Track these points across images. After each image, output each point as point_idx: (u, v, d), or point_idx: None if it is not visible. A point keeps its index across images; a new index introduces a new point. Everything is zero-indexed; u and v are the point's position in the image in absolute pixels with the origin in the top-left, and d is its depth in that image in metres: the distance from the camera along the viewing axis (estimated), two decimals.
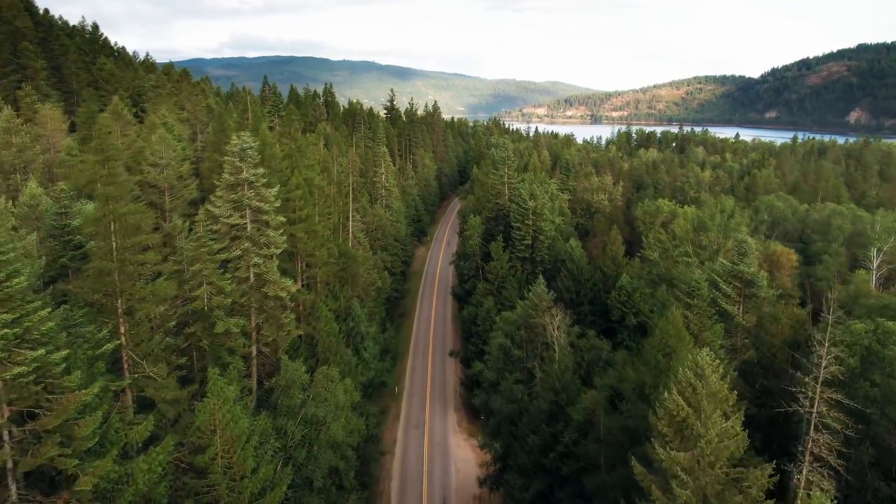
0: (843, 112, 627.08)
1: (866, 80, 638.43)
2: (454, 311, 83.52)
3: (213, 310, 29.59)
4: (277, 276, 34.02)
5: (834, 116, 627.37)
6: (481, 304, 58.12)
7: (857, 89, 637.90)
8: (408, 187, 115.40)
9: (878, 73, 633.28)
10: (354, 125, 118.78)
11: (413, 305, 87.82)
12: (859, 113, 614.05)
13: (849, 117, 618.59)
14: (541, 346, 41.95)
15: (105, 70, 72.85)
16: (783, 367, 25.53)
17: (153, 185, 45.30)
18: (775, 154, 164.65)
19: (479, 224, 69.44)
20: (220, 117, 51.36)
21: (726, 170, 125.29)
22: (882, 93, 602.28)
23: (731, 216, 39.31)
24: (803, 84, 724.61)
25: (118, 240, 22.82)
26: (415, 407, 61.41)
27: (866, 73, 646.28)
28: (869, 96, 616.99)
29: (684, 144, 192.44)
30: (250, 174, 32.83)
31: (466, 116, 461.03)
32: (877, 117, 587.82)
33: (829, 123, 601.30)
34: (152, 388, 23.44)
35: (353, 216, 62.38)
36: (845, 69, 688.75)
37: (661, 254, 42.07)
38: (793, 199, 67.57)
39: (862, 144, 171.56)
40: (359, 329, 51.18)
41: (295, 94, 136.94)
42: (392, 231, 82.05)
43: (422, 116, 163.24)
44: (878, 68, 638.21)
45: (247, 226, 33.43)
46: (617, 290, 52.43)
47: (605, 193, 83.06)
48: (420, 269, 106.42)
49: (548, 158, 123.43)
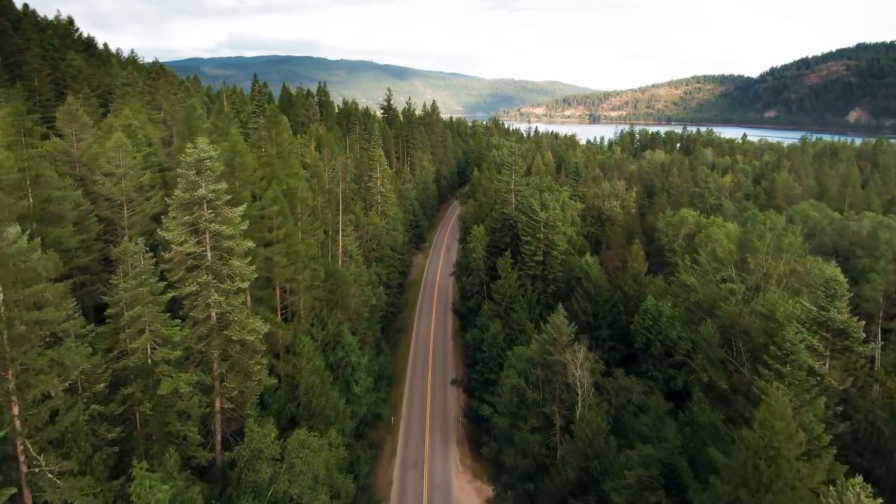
0: (843, 111, 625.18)
1: (866, 80, 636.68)
2: (455, 328, 77.29)
3: (158, 364, 23.31)
4: (245, 315, 27.72)
5: (833, 116, 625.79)
6: (487, 327, 51.89)
7: (856, 89, 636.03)
8: (405, 191, 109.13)
9: (877, 72, 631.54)
10: (349, 126, 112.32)
11: (411, 319, 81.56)
12: (859, 112, 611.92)
13: (848, 117, 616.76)
14: (560, 387, 35.81)
15: (73, 66, 66.29)
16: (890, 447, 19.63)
17: (108, 197, 38.91)
18: (786, 155, 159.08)
19: (483, 235, 63.14)
20: (187, 119, 44.96)
21: (738, 172, 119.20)
22: (882, 92, 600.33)
23: (783, 234, 33.35)
24: (802, 84, 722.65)
25: (5, 291, 16.48)
26: (413, 440, 55.09)
27: (865, 73, 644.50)
28: (868, 96, 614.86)
29: (690, 145, 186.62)
30: (209, 190, 26.51)
31: (464, 116, 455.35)
32: (877, 117, 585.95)
33: (829, 123, 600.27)
34: (56, 493, 17.11)
35: (345, 229, 56.11)
36: (844, 69, 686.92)
37: (700, 278, 36.16)
38: (827, 208, 61.62)
39: (873, 145, 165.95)
40: (349, 360, 44.96)
41: (287, 94, 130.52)
42: (388, 240, 75.80)
43: (420, 116, 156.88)
44: (877, 68, 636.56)
45: (206, 254, 27.14)
46: (641, 314, 46.33)
47: (616, 200, 76.97)
48: (419, 277, 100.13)
49: (552, 161, 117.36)
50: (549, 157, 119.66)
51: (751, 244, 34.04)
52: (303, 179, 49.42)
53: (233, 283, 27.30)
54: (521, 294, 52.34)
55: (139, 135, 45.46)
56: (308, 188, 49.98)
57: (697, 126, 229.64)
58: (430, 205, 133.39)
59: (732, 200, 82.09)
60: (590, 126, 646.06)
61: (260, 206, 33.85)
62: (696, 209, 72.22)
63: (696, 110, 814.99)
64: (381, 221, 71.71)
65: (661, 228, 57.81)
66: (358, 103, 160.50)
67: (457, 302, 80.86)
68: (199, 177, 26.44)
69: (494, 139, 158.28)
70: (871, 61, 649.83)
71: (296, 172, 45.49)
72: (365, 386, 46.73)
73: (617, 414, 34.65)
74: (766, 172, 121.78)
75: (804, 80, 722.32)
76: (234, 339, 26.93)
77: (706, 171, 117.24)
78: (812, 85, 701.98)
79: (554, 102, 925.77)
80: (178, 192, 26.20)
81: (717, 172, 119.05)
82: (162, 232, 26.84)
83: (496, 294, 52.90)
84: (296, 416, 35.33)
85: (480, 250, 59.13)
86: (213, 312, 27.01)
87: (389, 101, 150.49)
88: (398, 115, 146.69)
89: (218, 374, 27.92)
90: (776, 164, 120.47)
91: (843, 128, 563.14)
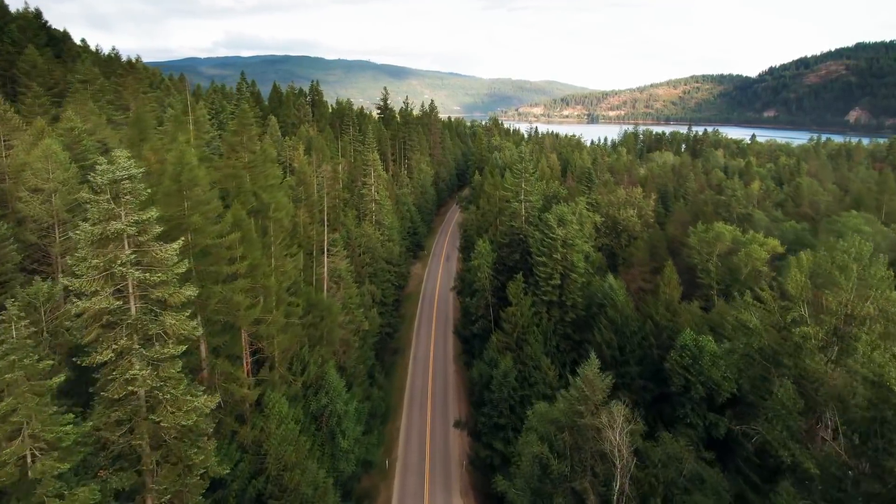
0: (843, 111, 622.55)
1: (865, 79, 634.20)
2: (457, 351, 70.08)
3: (42, 480, 16.07)
4: (182, 389, 20.45)
5: (833, 116, 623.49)
6: (496, 362, 44.69)
7: (856, 88, 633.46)
8: (402, 196, 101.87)
9: (877, 71, 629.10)
10: (342, 127, 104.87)
11: (408, 339, 74.29)
12: (859, 112, 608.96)
13: (848, 116, 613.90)
14: (593, 457, 28.73)
15: (27, 61, 58.89)
16: None
17: (35, 219, 31.55)
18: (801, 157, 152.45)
19: (489, 251, 55.84)
20: (136, 121, 37.54)
21: (757, 176, 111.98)
22: (882, 92, 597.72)
23: (869, 265, 26.54)
24: (801, 83, 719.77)
25: None
26: (410, 489, 47.91)
27: (865, 73, 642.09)
28: (868, 95, 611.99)
29: (697, 146, 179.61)
30: (130, 222, 19.25)
31: (462, 116, 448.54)
32: (877, 116, 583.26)
33: (829, 123, 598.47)
34: None
35: (333, 248, 48.80)
36: (844, 68, 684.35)
37: (764, 317, 29.23)
38: (876, 222, 54.70)
39: (888, 146, 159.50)
40: (334, 408, 37.78)
41: (278, 93, 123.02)
42: (383, 253, 68.55)
43: (417, 116, 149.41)
44: (876, 67, 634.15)
45: (129, 308, 19.88)
46: (678, 351, 39.33)
47: (633, 208, 69.82)
48: (416, 289, 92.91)
49: (557, 164, 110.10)
50: (554, 159, 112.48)
51: (828, 276, 27.30)
52: (283, 190, 42.16)
53: (166, 348, 20.01)
54: (536, 323, 45.18)
55: (85, 141, 38.09)
56: (289, 201, 42.73)
57: (697, 126, 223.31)
58: (429, 209, 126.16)
59: (762, 209, 75.21)
60: (588, 126, 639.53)
61: (216, 232, 26.58)
62: (722, 219, 65.26)
63: (694, 110, 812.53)
64: (375, 232, 64.49)
65: (694, 246, 50.72)
66: (354, 103, 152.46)
67: (458, 322, 73.52)
68: (117, 203, 19.16)
69: (495, 140, 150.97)
70: (870, 61, 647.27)
71: (272, 184, 38.24)
72: (353, 436, 39.57)
73: (666, 492, 27.60)
74: (785, 176, 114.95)
75: (803, 79, 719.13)
76: (165, 425, 19.67)
77: (721, 176, 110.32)
78: (811, 84, 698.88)
79: (552, 102, 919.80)
80: (84, 226, 18.91)
81: (734, 176, 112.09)
82: (65, 279, 19.55)
83: (506, 323, 45.68)
84: (263, 494, 28.20)
85: (486, 268, 51.82)
86: (139, 389, 19.73)
87: (386, 100, 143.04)
88: (395, 115, 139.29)
89: (149, 468, 20.64)
90: (795, 168, 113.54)
91: (844, 127, 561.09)
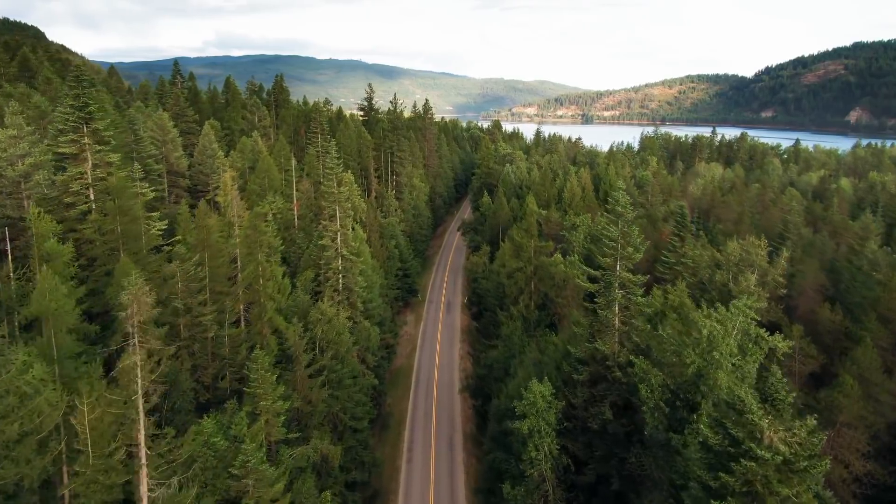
0: (843, 111, 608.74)
1: (865, 79, 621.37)
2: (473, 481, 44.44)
3: None
4: None
5: (833, 116, 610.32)
6: None
7: (855, 88, 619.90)
8: (388, 228, 76.66)
9: (876, 71, 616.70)
10: (308, 136, 79.17)
11: (393, 475, 47.65)
12: (860, 112, 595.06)
13: (849, 117, 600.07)
14: None
15: None
16: None
17: None
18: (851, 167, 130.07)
19: (548, 396, 28.20)
20: None
21: (831, 194, 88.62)
22: (883, 91, 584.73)
23: None
24: (799, 83, 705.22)
25: None
26: None
27: (865, 72, 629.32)
28: (869, 95, 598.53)
29: (730, 153, 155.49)
30: None
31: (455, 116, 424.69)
32: (878, 117, 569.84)
33: (829, 123, 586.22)
34: None
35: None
36: (842, 68, 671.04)
37: None
38: None
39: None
40: None
41: (233, 89, 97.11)
42: (348, 352, 40.38)
43: (409, 119, 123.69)
44: (876, 67, 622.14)
45: None
46: None
47: (753, 271, 45.73)
48: (408, 364, 66.93)
49: (589, 183, 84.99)
50: (585, 176, 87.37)
51: None
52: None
53: None
54: None
55: None
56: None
57: (694, 126, 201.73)
58: (424, 236, 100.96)
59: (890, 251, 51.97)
60: (583, 126, 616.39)
61: None
62: None
63: (690, 110, 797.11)
64: (339, 318, 39.31)
65: None
66: (345, 103, 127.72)
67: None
68: None
69: (503, 148, 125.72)
70: (869, 60, 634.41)
71: None
72: None
73: None
74: (869, 197, 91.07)
75: (801, 79, 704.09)
76: None
77: (799, 197, 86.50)
78: (809, 84, 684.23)
79: (546, 102, 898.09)
80: None
81: (808, 196, 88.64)
82: None
83: None
84: None
85: (547, 437, 25.49)
86: None
87: (370, 99, 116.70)
88: (381, 118, 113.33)
89: None
90: (884, 186, 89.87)
91: (845, 128, 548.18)
